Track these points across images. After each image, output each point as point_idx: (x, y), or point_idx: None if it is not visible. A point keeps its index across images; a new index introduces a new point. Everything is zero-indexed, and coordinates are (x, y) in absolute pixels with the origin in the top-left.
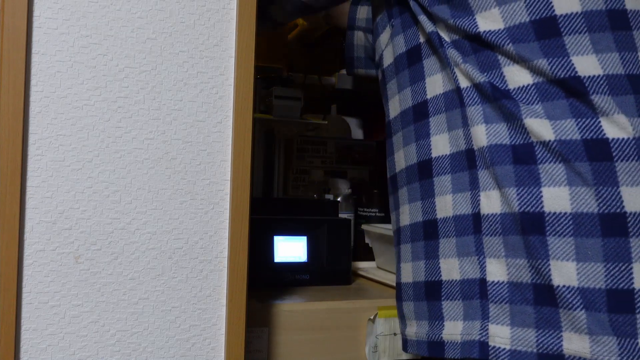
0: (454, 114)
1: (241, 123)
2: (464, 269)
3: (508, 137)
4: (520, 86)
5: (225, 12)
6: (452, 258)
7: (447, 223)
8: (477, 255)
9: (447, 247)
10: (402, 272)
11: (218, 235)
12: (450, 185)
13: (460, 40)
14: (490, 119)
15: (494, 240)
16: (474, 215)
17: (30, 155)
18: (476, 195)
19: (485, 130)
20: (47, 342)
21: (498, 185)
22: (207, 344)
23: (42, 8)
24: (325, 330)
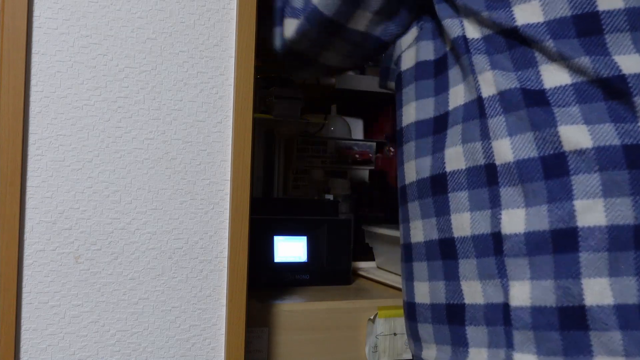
0: (470, 125)
1: (241, 123)
2: (487, 292)
3: (536, 149)
4: (557, 86)
5: (225, 12)
6: (474, 280)
7: (466, 243)
8: (499, 278)
9: (468, 268)
10: (417, 291)
11: (218, 235)
12: (468, 203)
13: (494, 36)
14: (515, 130)
15: (517, 262)
16: (493, 235)
17: (30, 155)
18: (497, 213)
19: (511, 143)
20: (47, 342)
21: (526, 203)
22: (207, 344)
23: (42, 8)
24: (325, 330)
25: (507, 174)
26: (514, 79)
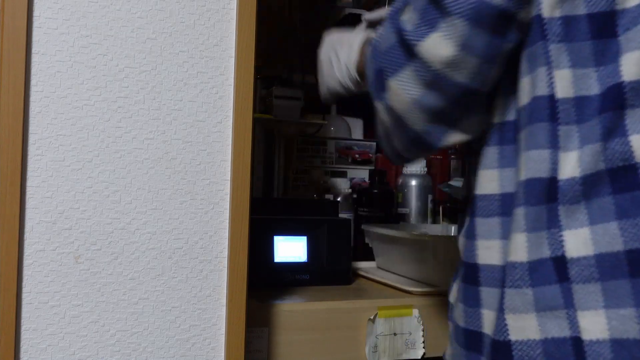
0: (537, 129)
1: (241, 123)
2: (546, 326)
3: (603, 162)
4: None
5: (225, 12)
6: (528, 314)
7: (519, 269)
8: (565, 309)
9: (517, 299)
10: (486, 319)
11: (218, 235)
12: (524, 222)
13: (579, 19)
14: (586, 139)
15: (589, 288)
16: (554, 259)
17: (30, 155)
18: (556, 234)
19: (579, 156)
20: (47, 342)
21: (591, 221)
22: (207, 344)
23: (42, 8)
24: (325, 330)
25: (568, 190)
26: (594, 80)
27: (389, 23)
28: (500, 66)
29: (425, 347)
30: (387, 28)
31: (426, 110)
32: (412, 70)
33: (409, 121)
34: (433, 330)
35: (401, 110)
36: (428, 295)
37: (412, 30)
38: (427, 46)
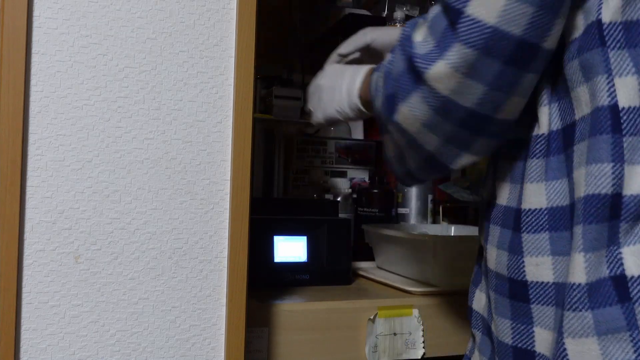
0: (598, 141)
1: (241, 123)
2: (608, 350)
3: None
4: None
5: (225, 12)
6: (588, 338)
7: (577, 291)
8: (628, 331)
9: (576, 322)
10: (539, 338)
11: (218, 235)
12: (582, 241)
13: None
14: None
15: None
16: (613, 278)
17: (30, 155)
18: (615, 252)
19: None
20: (47, 342)
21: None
22: (207, 344)
23: (42, 8)
24: (325, 330)
25: (634, 207)
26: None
27: (399, 48)
28: (522, 94)
29: (425, 347)
30: (397, 53)
31: (437, 133)
32: (420, 96)
33: (422, 141)
34: (433, 330)
35: (414, 132)
36: (428, 295)
37: (422, 55)
38: (433, 74)
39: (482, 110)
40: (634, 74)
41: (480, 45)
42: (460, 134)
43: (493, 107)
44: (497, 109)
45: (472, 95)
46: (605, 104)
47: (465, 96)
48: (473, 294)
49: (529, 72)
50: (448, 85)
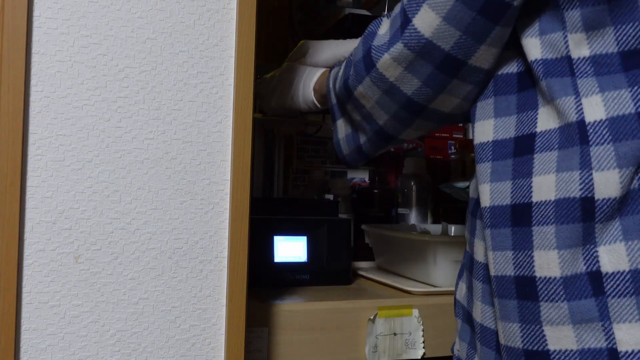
0: (569, 153)
1: (241, 123)
2: (582, 337)
3: (638, 180)
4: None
5: (225, 12)
6: (564, 325)
7: (552, 284)
8: (600, 321)
9: (554, 312)
10: (498, 328)
11: (218, 235)
12: (555, 240)
13: (609, 56)
14: (625, 161)
15: (624, 302)
16: (590, 274)
17: (30, 155)
18: (591, 251)
19: (619, 176)
20: (47, 342)
21: (625, 237)
22: (207, 344)
23: (42, 8)
24: (325, 330)
25: (607, 209)
26: (628, 101)
27: (362, 41)
28: (451, 94)
29: (425, 347)
30: (359, 45)
31: (386, 110)
32: (370, 80)
33: (375, 116)
34: (433, 330)
35: (369, 108)
36: (428, 295)
37: (377, 46)
38: (382, 62)
39: (417, 99)
40: (598, 93)
41: (417, 50)
42: (402, 114)
43: (426, 99)
44: (429, 100)
45: (410, 86)
46: (575, 120)
47: (405, 85)
48: (457, 285)
49: (455, 78)
50: (393, 74)
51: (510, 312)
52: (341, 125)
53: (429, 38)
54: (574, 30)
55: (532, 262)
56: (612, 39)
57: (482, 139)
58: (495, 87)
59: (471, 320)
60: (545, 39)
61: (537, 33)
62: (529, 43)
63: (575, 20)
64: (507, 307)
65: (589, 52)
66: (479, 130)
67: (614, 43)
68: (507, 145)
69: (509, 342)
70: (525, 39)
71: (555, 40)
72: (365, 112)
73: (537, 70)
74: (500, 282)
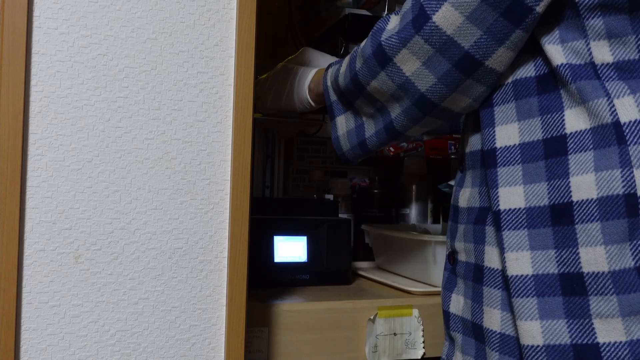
0: (606, 152)
1: (241, 123)
2: (631, 329)
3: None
4: None
5: (225, 12)
6: (614, 318)
7: (601, 279)
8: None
9: (604, 305)
10: (523, 331)
11: (218, 235)
12: (601, 236)
13: (632, 62)
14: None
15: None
16: (638, 268)
17: (30, 155)
18: (638, 246)
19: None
20: (47, 342)
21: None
22: (207, 344)
23: (42, 8)
24: (325, 330)
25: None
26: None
27: (370, 37)
28: (464, 93)
29: (425, 347)
30: (368, 41)
31: (399, 103)
32: (385, 74)
33: (390, 108)
34: (433, 330)
35: (384, 101)
36: (428, 295)
37: (388, 42)
38: (398, 58)
39: (431, 96)
40: (630, 94)
41: (437, 46)
42: (413, 111)
43: (440, 97)
44: (442, 98)
45: (426, 82)
46: (609, 121)
47: (421, 81)
48: (449, 298)
49: (470, 78)
50: (410, 68)
51: (554, 309)
52: (342, 122)
53: (451, 35)
54: (597, 38)
55: (578, 259)
56: (634, 46)
57: (507, 142)
58: (515, 91)
59: (478, 332)
60: (568, 46)
61: (557, 41)
62: (552, 49)
63: (598, 29)
64: (549, 304)
65: (612, 58)
66: (501, 134)
67: (636, 50)
68: (537, 147)
69: (552, 340)
70: (547, 45)
71: (578, 47)
72: (380, 105)
73: (565, 74)
74: (541, 280)
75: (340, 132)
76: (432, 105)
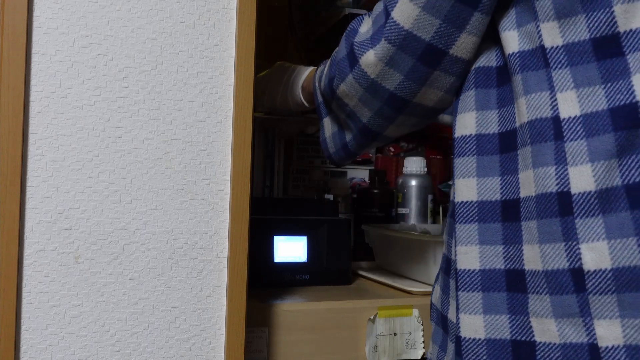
0: (542, 148)
1: (241, 123)
2: (565, 332)
3: (620, 177)
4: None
5: (225, 12)
6: (547, 318)
7: (537, 278)
8: (581, 317)
9: (539, 304)
10: (465, 324)
11: (218, 235)
12: (537, 234)
13: (582, 44)
14: (598, 155)
15: (605, 300)
16: (572, 271)
17: (30, 155)
18: (573, 247)
19: (592, 171)
20: (47, 342)
21: (608, 236)
22: (207, 344)
23: (42, 8)
24: (325, 330)
25: (585, 204)
26: (601, 97)
27: (344, 38)
28: (433, 86)
29: (425, 347)
30: (342, 42)
31: (369, 107)
32: (353, 77)
33: (359, 113)
34: None
35: (352, 106)
36: (428, 295)
37: (360, 43)
38: (364, 60)
39: (400, 94)
40: (573, 88)
41: (397, 43)
42: (386, 110)
43: (409, 93)
44: (412, 95)
45: (392, 81)
46: (549, 115)
47: (387, 81)
48: (433, 288)
49: (437, 70)
50: (374, 71)
51: (497, 304)
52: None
53: (409, 29)
54: (546, 19)
55: (521, 256)
56: (584, 26)
57: (464, 132)
58: (476, 79)
59: (445, 322)
60: (522, 30)
61: (514, 25)
62: (507, 36)
63: (547, 9)
64: (494, 299)
65: (562, 40)
66: (460, 122)
67: (586, 30)
68: (492, 140)
69: (493, 334)
70: (504, 32)
71: (531, 30)
72: (349, 110)
73: (514, 64)
74: (488, 275)
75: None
76: (404, 102)
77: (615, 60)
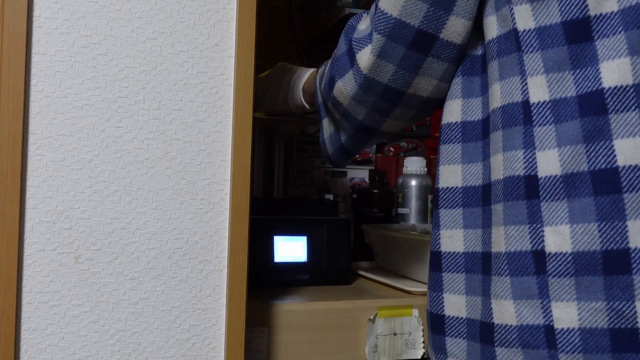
0: (511, 132)
1: (241, 123)
2: (522, 313)
3: (587, 163)
4: (617, 86)
5: (225, 12)
6: (506, 300)
7: (499, 259)
8: (539, 299)
9: (500, 286)
10: (448, 302)
11: (218, 235)
12: (502, 216)
13: (554, 27)
14: (565, 140)
15: (564, 282)
16: (534, 253)
17: (30, 155)
18: (537, 230)
19: (559, 156)
20: (47, 342)
21: (571, 220)
22: (207, 344)
23: (42, 8)
24: (325, 330)
25: (550, 188)
26: (570, 83)
27: (343, 35)
28: (427, 74)
29: (425, 347)
30: (341, 39)
31: (363, 104)
32: (351, 73)
33: (353, 112)
34: None
35: (346, 105)
36: None
37: (358, 39)
38: (360, 55)
39: (394, 85)
40: (543, 73)
41: (387, 32)
42: (381, 104)
43: (403, 83)
44: (406, 85)
45: (385, 73)
46: (519, 100)
47: (380, 74)
48: (437, 300)
49: (429, 56)
50: (367, 66)
51: (475, 286)
52: (326, 124)
53: (398, 17)
54: (520, 2)
55: (490, 239)
56: (556, 9)
57: (450, 119)
58: (462, 67)
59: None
60: (499, 14)
61: (493, 10)
62: (488, 22)
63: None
64: (473, 281)
65: (534, 23)
66: (447, 110)
67: (558, 13)
68: (476, 127)
69: (472, 315)
70: (486, 19)
71: (505, 14)
72: (343, 110)
73: (492, 50)
74: (471, 258)
75: (326, 135)
76: (398, 93)
77: (585, 45)
